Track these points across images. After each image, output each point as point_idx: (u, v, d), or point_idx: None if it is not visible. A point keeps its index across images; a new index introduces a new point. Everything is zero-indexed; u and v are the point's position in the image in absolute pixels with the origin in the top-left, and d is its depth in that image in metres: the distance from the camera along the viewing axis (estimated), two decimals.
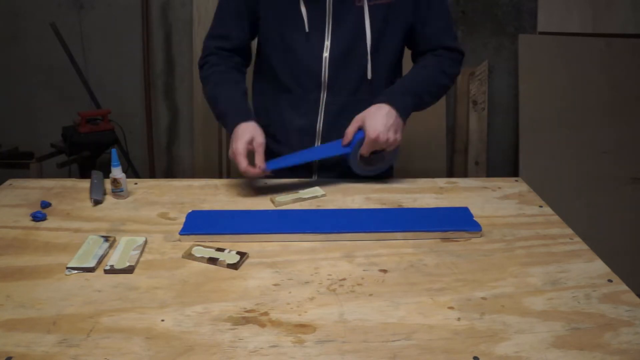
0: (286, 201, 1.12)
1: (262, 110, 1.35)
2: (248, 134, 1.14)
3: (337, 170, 1.30)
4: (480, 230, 1.01)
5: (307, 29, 1.21)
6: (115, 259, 0.89)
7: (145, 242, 0.95)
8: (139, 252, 0.92)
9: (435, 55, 1.29)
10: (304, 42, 1.22)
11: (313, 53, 1.23)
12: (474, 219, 1.04)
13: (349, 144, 1.18)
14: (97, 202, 1.11)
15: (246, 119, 1.18)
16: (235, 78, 1.27)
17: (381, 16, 1.21)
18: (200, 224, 1.00)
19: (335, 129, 1.26)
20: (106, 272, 0.87)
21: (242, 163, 1.12)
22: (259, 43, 1.32)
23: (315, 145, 1.31)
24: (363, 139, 1.16)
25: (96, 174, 1.20)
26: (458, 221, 1.03)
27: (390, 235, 0.99)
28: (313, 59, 1.23)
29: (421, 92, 1.25)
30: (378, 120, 1.15)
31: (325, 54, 1.23)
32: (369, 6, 1.19)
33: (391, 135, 1.16)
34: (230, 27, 1.28)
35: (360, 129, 1.17)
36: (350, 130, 1.18)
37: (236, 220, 1.02)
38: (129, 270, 0.87)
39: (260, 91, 1.37)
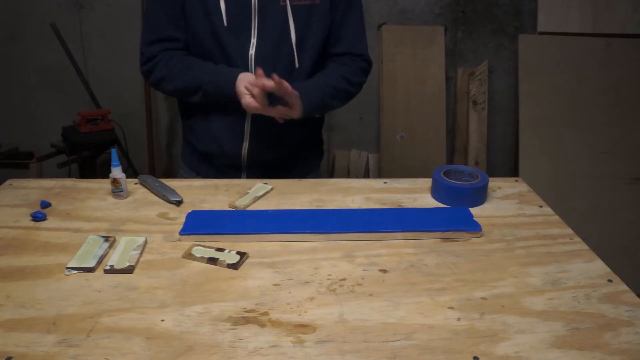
0: (247, 203, 1.12)
1: (191, 112, 1.36)
2: (245, 78, 1.18)
3: (266, 168, 1.34)
4: (480, 230, 1.01)
5: (225, 23, 1.20)
6: (115, 259, 0.89)
7: (145, 242, 0.95)
8: (139, 252, 0.92)
9: (341, 64, 1.32)
10: (230, 40, 1.22)
11: (239, 51, 1.23)
12: (475, 219, 1.04)
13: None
14: (179, 203, 1.11)
15: (238, 72, 1.21)
16: (194, 59, 1.27)
17: (304, 17, 1.23)
18: (200, 224, 1.00)
19: (263, 128, 1.28)
20: (106, 272, 0.87)
21: (256, 87, 1.14)
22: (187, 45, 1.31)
23: (243, 145, 1.32)
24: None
25: (147, 177, 1.20)
26: (458, 221, 1.03)
27: (390, 235, 0.99)
28: (239, 57, 1.23)
29: (321, 97, 1.27)
30: (298, 108, 1.20)
31: (251, 52, 1.23)
32: (292, 6, 1.20)
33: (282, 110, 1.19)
34: (169, 30, 1.27)
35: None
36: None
37: (236, 220, 1.02)
38: (129, 270, 0.87)
39: (188, 105, 1.37)
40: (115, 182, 1.12)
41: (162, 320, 0.75)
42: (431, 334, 0.74)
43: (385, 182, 1.25)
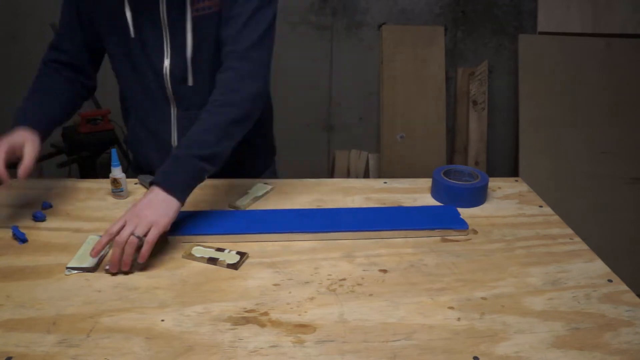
0: (246, 203, 1.12)
1: (126, 123, 1.31)
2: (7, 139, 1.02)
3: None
4: (467, 228, 1.01)
5: (132, 35, 1.12)
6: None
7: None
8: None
9: (222, 80, 1.08)
10: (144, 54, 1.14)
11: (154, 65, 1.15)
12: (475, 219, 1.04)
13: None
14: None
15: (22, 123, 1.05)
16: (50, 83, 1.17)
17: (207, 26, 1.11)
18: (188, 224, 1.00)
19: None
20: (106, 272, 0.87)
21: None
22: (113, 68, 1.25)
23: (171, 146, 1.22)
24: None
25: (145, 177, 1.18)
26: (445, 219, 1.03)
27: (384, 234, 0.99)
28: (154, 72, 1.15)
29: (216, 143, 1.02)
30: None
31: (166, 64, 1.13)
32: (193, 17, 1.10)
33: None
34: (63, 39, 1.19)
35: None
36: None
37: (229, 220, 1.02)
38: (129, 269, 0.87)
39: (125, 115, 1.31)
40: (115, 182, 1.12)
41: (162, 320, 0.75)
42: (431, 334, 0.74)
43: (385, 182, 1.25)
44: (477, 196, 1.13)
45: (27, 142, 1.01)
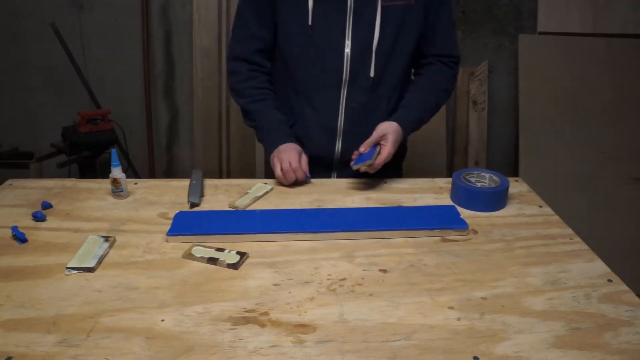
0: (246, 203, 1.12)
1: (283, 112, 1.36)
2: (294, 150, 1.23)
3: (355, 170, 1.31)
4: (467, 228, 1.01)
5: (310, 22, 1.21)
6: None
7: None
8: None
9: (438, 71, 1.32)
10: (325, 38, 1.23)
11: (335, 50, 1.24)
12: (474, 219, 1.04)
13: (364, 153, 1.20)
14: (193, 205, 1.11)
15: (288, 139, 1.26)
16: (269, 96, 1.32)
17: (396, 17, 1.22)
18: (188, 224, 1.00)
19: (356, 127, 1.28)
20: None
21: (299, 173, 1.21)
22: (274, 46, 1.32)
23: (336, 145, 1.32)
24: (375, 152, 1.18)
25: (196, 173, 1.21)
26: (445, 219, 1.03)
27: (384, 234, 0.99)
28: (335, 56, 1.24)
29: (424, 117, 1.31)
30: (396, 142, 1.21)
31: (347, 50, 1.23)
32: (383, 6, 1.21)
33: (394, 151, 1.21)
34: (256, 28, 1.28)
35: (376, 145, 1.20)
36: (371, 141, 1.20)
37: (230, 220, 1.02)
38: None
39: (279, 94, 1.36)
40: (115, 182, 1.12)
41: (162, 320, 0.75)
42: (431, 334, 0.74)
43: (385, 182, 1.25)
44: (497, 200, 1.13)
45: (300, 151, 1.25)
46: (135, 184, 1.21)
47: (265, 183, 1.21)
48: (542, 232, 1.03)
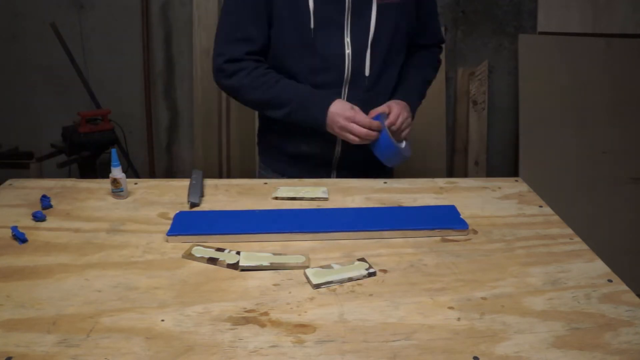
0: (286, 196, 1.12)
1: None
2: (348, 109, 1.21)
3: (357, 168, 1.32)
4: (467, 228, 1.01)
5: (312, 25, 1.21)
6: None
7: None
8: None
9: (427, 55, 1.43)
10: (326, 39, 1.23)
11: (336, 50, 1.24)
12: (474, 219, 1.04)
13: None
14: (193, 205, 1.11)
15: (331, 98, 1.23)
16: (281, 76, 1.26)
17: (391, 15, 1.24)
18: (188, 224, 1.00)
19: None
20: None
21: (374, 125, 1.20)
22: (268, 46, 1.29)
23: (336, 144, 1.32)
24: (383, 117, 1.23)
25: (196, 173, 1.20)
26: (445, 219, 1.03)
27: (384, 234, 0.99)
28: (336, 56, 1.24)
29: (423, 92, 1.41)
30: (402, 106, 1.27)
31: (348, 51, 1.24)
32: (378, 5, 1.22)
33: (409, 116, 1.28)
34: (252, 29, 1.25)
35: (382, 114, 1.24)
36: (376, 110, 1.24)
37: (229, 221, 1.02)
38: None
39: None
40: (115, 182, 1.12)
41: (162, 320, 0.75)
42: (431, 334, 0.74)
43: (385, 182, 1.25)
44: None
45: (352, 105, 1.23)
46: (135, 184, 1.21)
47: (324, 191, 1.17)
48: (542, 232, 1.03)
